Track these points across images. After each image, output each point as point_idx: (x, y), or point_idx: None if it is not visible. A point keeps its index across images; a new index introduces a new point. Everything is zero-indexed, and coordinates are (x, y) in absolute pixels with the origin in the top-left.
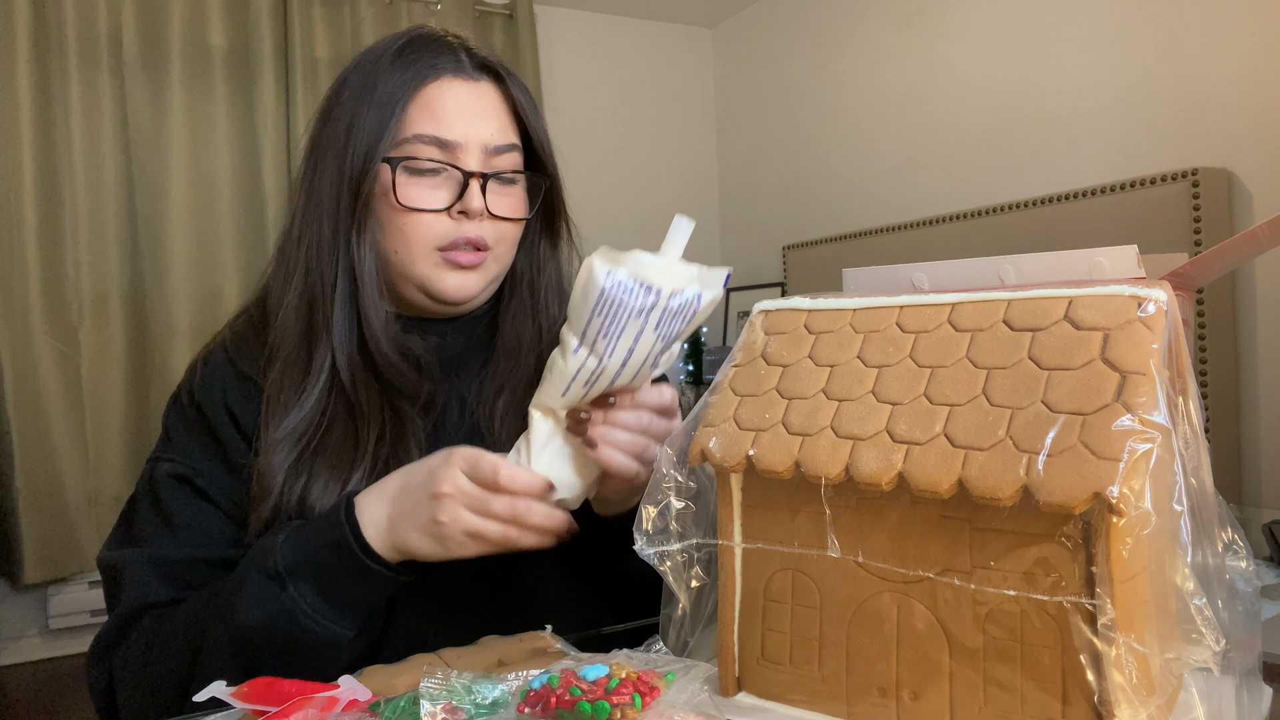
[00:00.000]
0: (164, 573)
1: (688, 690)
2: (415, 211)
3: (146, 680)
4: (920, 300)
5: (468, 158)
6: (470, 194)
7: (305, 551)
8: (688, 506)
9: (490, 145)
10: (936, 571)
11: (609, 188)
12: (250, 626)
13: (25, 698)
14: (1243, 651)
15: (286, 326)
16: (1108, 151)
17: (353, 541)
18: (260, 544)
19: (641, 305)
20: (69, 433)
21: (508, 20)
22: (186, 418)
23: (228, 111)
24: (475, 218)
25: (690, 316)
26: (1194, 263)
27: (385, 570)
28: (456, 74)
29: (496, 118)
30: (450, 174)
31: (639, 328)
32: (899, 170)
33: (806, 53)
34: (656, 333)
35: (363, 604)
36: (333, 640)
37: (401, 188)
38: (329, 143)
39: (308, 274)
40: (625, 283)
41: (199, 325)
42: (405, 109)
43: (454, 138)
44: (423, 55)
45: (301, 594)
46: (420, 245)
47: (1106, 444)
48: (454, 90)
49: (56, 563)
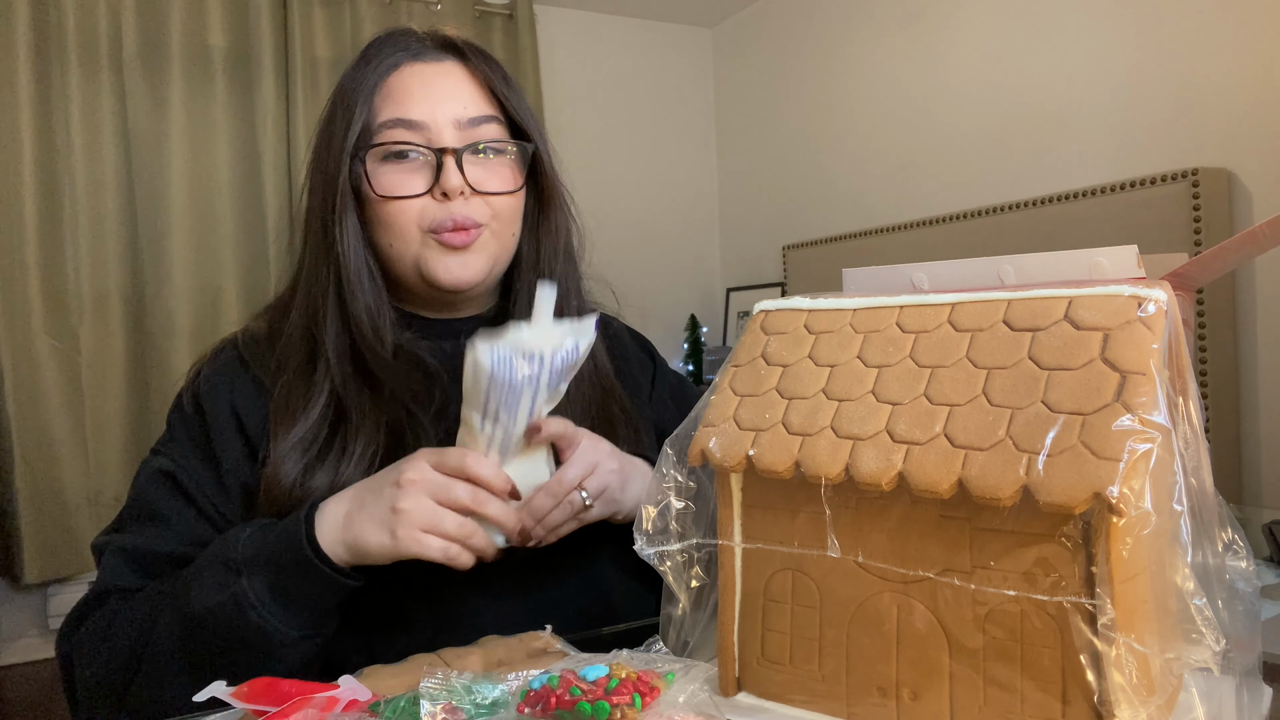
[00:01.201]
0: (135, 562)
1: (688, 690)
2: (396, 200)
3: (99, 657)
4: (920, 300)
5: (440, 136)
6: (446, 172)
7: (264, 545)
8: (688, 506)
9: (463, 119)
10: (936, 571)
11: (609, 188)
12: (199, 612)
13: (25, 698)
14: (1243, 651)
15: (292, 339)
16: (1108, 151)
17: (304, 540)
18: (228, 534)
19: (530, 373)
20: (69, 433)
21: (508, 20)
22: (185, 416)
23: (228, 111)
24: (456, 196)
25: (574, 365)
26: (1194, 263)
27: (330, 571)
28: (416, 59)
29: (467, 92)
30: (424, 156)
31: (533, 391)
32: (899, 170)
33: (806, 53)
34: (550, 389)
35: (311, 605)
36: (277, 637)
37: (377, 178)
38: (316, 160)
39: (308, 289)
40: (510, 359)
41: (199, 325)
42: (370, 103)
43: (420, 117)
44: (382, 50)
45: (252, 585)
46: (408, 232)
47: (1106, 444)
48: (416, 74)
49: (56, 563)
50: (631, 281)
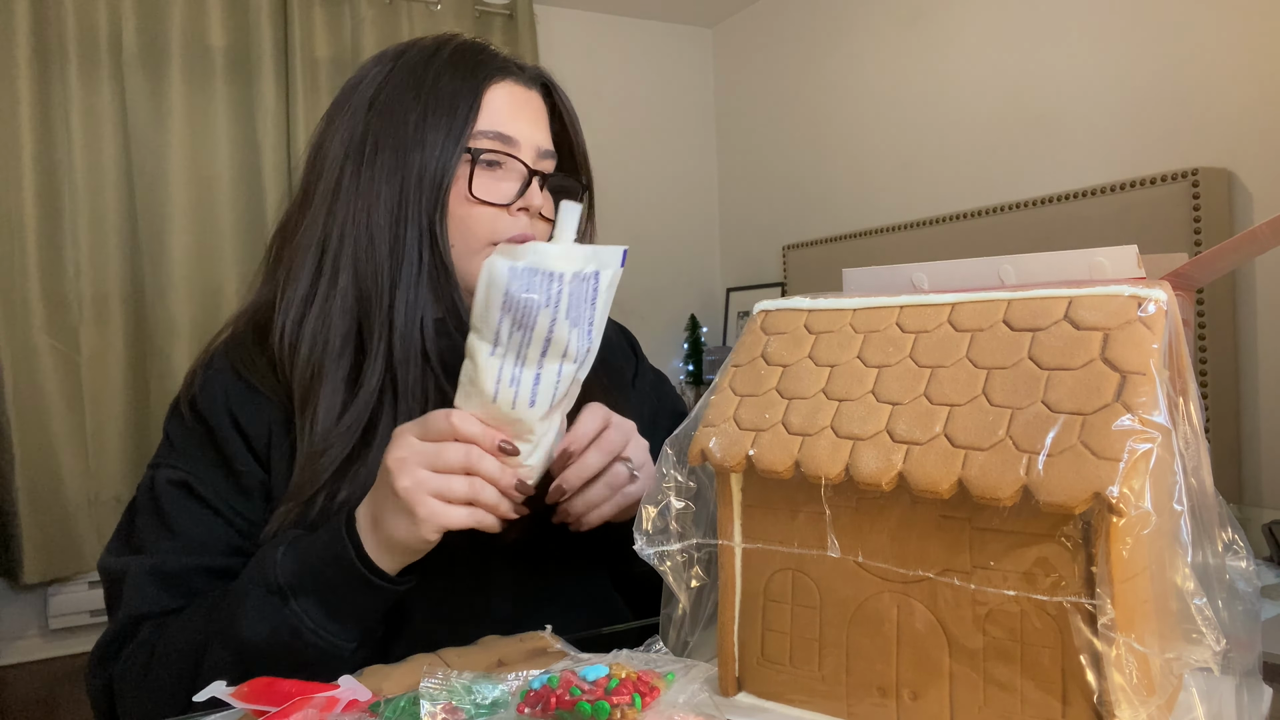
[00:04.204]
0: (163, 582)
1: (688, 690)
2: (483, 204)
3: (146, 693)
4: (920, 300)
5: (525, 157)
6: (533, 190)
7: (307, 566)
8: (688, 506)
9: (541, 148)
10: (936, 571)
11: (609, 187)
12: (253, 642)
13: (25, 698)
14: (1243, 651)
15: (328, 327)
16: (1108, 151)
17: (354, 556)
18: (260, 557)
19: (548, 294)
20: (69, 433)
21: (508, 20)
22: (186, 425)
23: (228, 111)
24: (534, 215)
25: (593, 298)
26: (1194, 263)
27: (386, 583)
28: (517, 79)
29: (544, 125)
30: (514, 168)
31: (551, 317)
32: (899, 170)
33: (806, 53)
34: (567, 319)
35: (366, 616)
36: (336, 653)
37: (476, 179)
38: (384, 138)
39: (357, 273)
40: (527, 274)
41: (199, 325)
42: (471, 105)
43: (515, 135)
44: (479, 58)
45: (305, 609)
46: (480, 239)
47: (1106, 444)
48: (514, 93)
49: (56, 563)
50: (631, 281)
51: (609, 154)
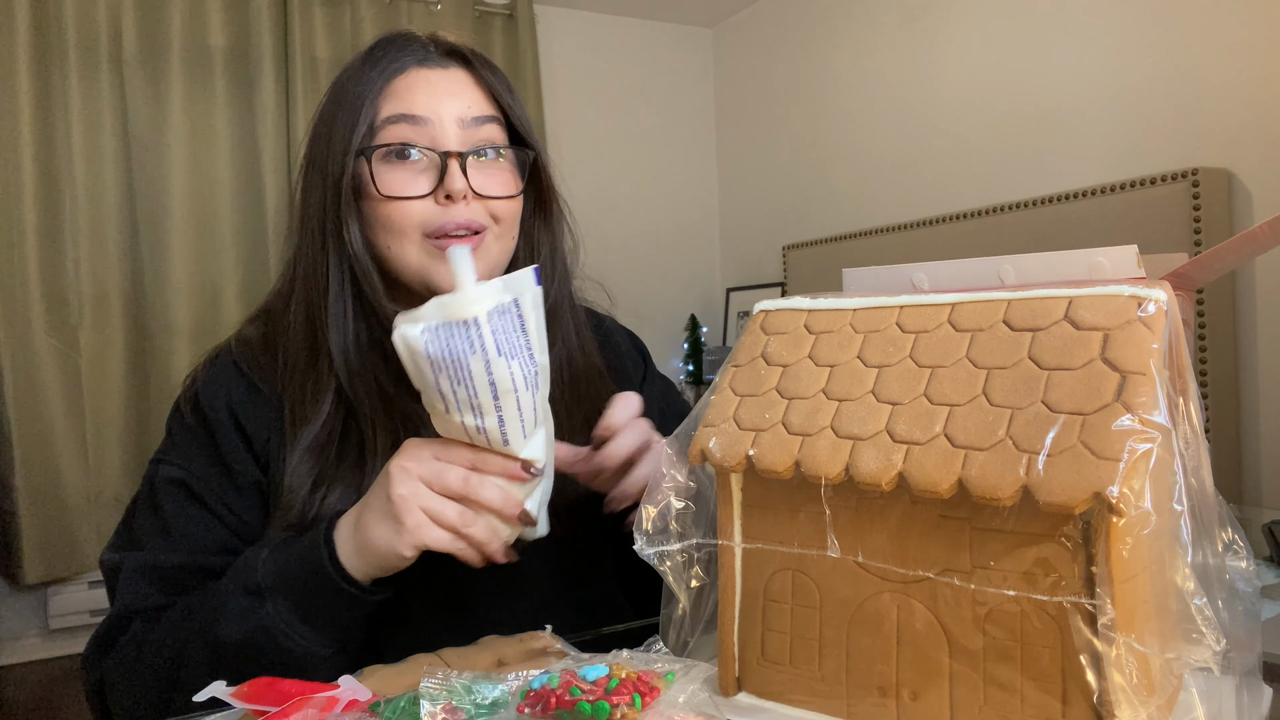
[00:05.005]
0: (156, 578)
1: (688, 690)
2: (398, 200)
3: (134, 686)
4: (920, 300)
5: (444, 137)
6: (451, 175)
7: (284, 568)
8: (688, 506)
9: (466, 117)
10: (936, 571)
11: (608, 188)
12: (229, 641)
13: (25, 698)
14: (1243, 651)
15: (295, 342)
16: (1107, 151)
17: (326, 561)
18: (245, 557)
19: (469, 340)
20: (69, 433)
21: (508, 20)
22: (186, 423)
23: (228, 111)
24: (460, 200)
25: (520, 325)
26: (1194, 263)
27: (354, 590)
28: (423, 63)
29: (470, 94)
30: (429, 158)
31: (483, 359)
32: (899, 170)
33: (806, 52)
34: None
35: (339, 623)
36: (310, 658)
37: (380, 177)
38: (313, 156)
39: (307, 289)
40: (442, 331)
41: (199, 325)
42: (375, 102)
43: (424, 114)
44: (389, 52)
45: (279, 611)
46: (409, 235)
47: (1106, 444)
48: (423, 77)
49: (56, 563)
50: (631, 281)
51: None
